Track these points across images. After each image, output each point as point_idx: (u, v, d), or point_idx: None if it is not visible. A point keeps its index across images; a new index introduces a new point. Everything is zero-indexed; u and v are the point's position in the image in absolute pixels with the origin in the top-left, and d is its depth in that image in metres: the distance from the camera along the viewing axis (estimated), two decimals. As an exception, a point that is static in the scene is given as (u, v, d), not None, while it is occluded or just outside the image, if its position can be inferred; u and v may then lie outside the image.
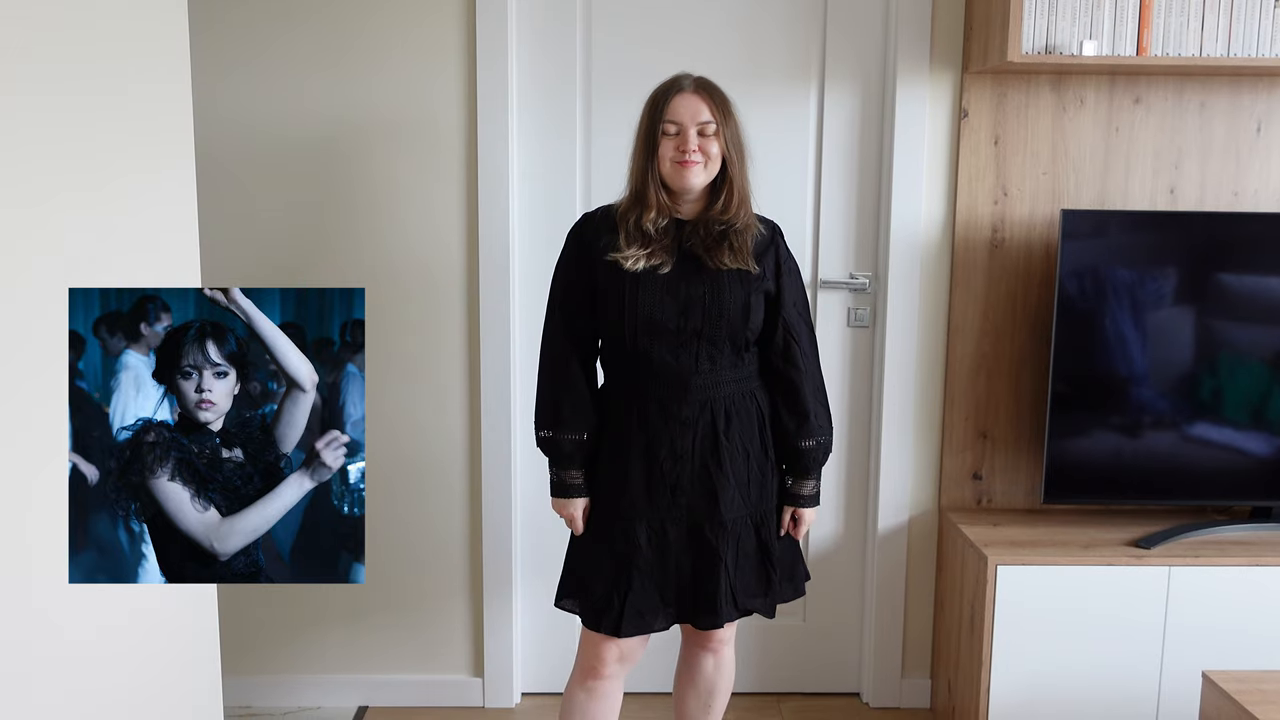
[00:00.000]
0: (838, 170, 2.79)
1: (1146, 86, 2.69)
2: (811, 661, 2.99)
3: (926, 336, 2.79)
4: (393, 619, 2.90)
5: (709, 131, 2.09)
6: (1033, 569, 2.50)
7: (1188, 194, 2.73)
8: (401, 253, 2.75)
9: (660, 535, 2.15)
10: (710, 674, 2.36)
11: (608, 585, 2.16)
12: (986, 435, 2.82)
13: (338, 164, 2.72)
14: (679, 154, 2.07)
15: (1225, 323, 2.62)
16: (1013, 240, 2.73)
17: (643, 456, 2.14)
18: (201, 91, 2.56)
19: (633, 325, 2.12)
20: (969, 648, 2.62)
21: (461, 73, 2.68)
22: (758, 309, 2.15)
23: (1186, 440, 2.64)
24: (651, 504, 2.15)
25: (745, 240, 2.13)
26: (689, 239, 2.13)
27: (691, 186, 2.10)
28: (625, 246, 2.11)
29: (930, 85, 2.69)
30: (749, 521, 2.20)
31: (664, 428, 2.13)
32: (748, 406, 2.18)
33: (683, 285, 2.11)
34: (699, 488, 2.15)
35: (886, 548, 2.87)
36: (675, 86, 2.11)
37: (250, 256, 2.75)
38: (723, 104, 2.12)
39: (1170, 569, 2.50)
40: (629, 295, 2.11)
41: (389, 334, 2.78)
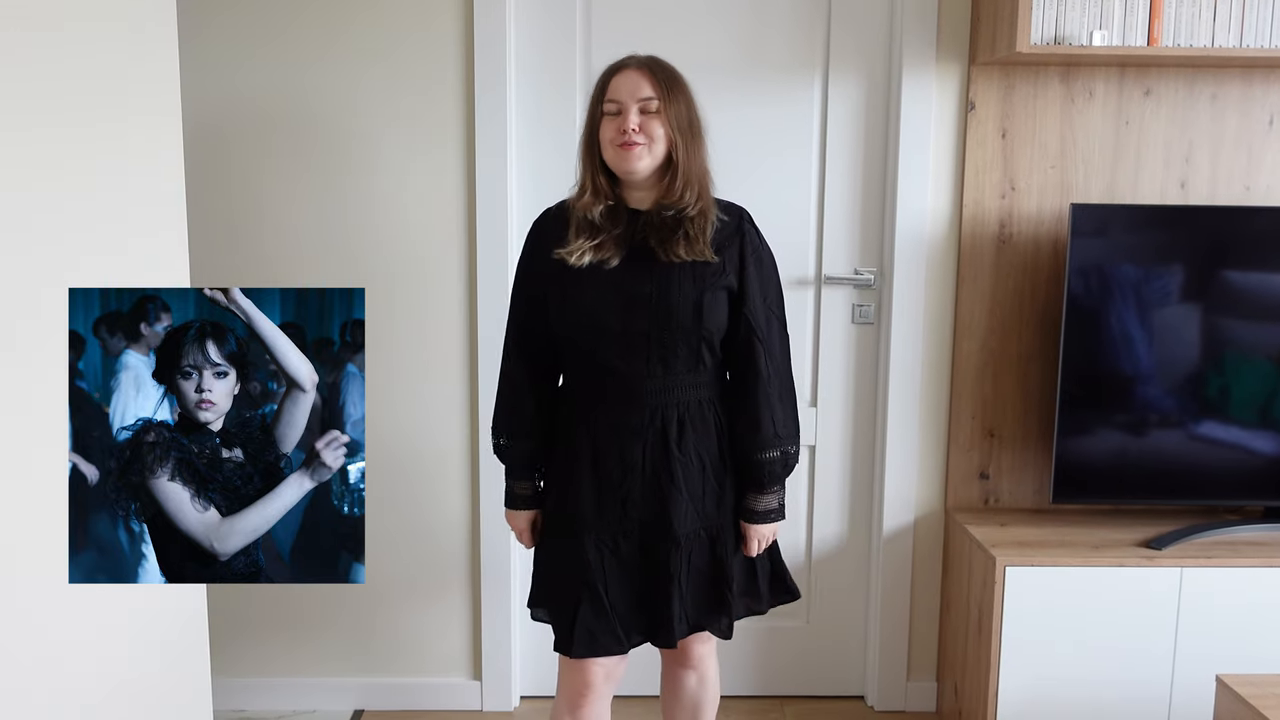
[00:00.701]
0: (842, 164, 2.74)
1: (1157, 78, 2.64)
2: (815, 664, 2.95)
3: (932, 333, 2.75)
4: (390, 621, 2.86)
5: (651, 109, 1.94)
6: (1042, 570, 2.45)
7: (1199, 188, 2.68)
8: (398, 247, 2.71)
9: (611, 551, 2.03)
10: (694, 690, 2.27)
11: (558, 603, 2.06)
12: (993, 434, 2.77)
13: (334, 155, 2.67)
14: (619, 135, 1.93)
15: (1236, 320, 2.57)
16: (1020, 235, 2.69)
17: (591, 468, 2.02)
18: (192, 78, 2.54)
19: (575, 327, 1.99)
20: (976, 650, 2.57)
21: (459, 67, 2.63)
22: (715, 308, 1.98)
23: (1197, 439, 2.59)
24: (601, 518, 2.02)
25: (701, 229, 1.97)
26: (642, 231, 1.99)
27: (634, 170, 1.95)
28: (573, 239, 1.98)
29: (936, 77, 2.65)
30: (704, 535, 2.05)
31: (612, 437, 2.01)
32: (704, 415, 2.03)
33: (628, 282, 1.96)
34: (650, 501, 2.01)
35: (892, 548, 2.83)
36: (618, 66, 1.99)
37: (243, 247, 2.70)
38: (668, 80, 1.97)
39: (1182, 570, 2.45)
40: (570, 294, 1.98)
41: (385, 330, 2.73)
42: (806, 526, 2.89)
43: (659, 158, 1.96)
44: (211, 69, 2.63)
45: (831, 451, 2.85)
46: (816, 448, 2.85)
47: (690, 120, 2.00)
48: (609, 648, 2.03)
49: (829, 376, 2.82)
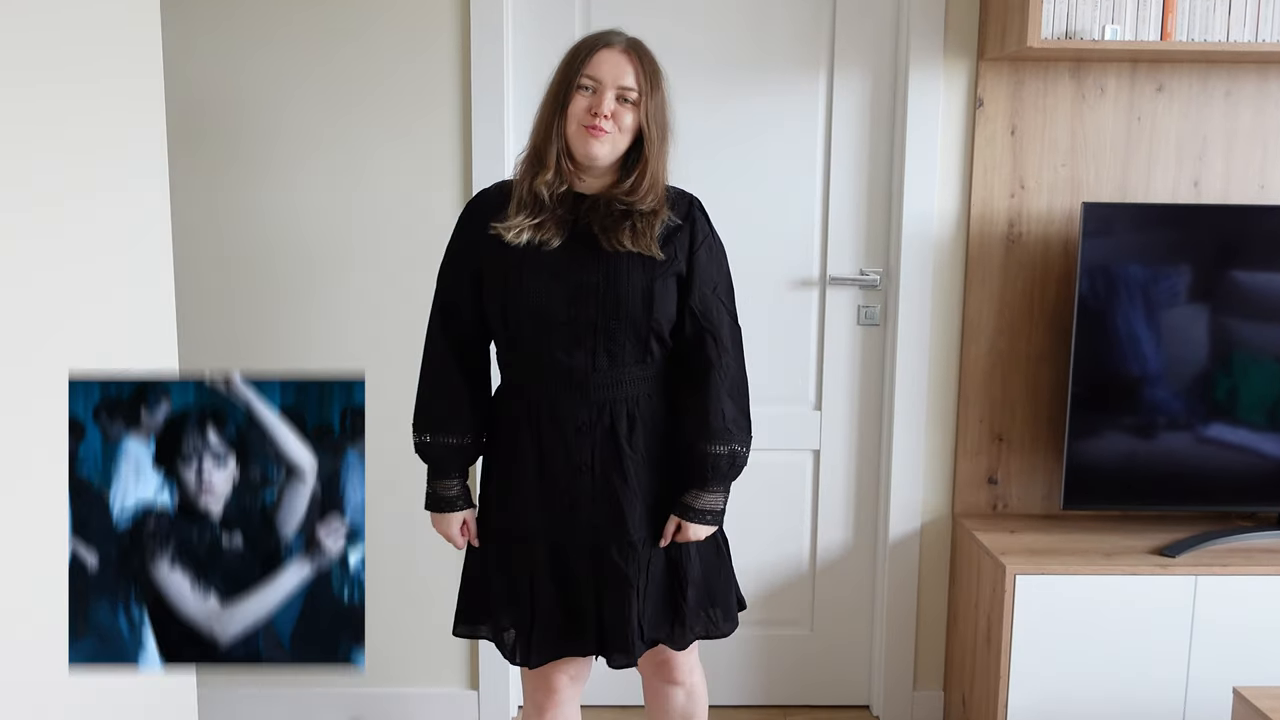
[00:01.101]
0: (847, 161, 2.69)
1: (1170, 74, 2.59)
2: (819, 673, 2.90)
3: (939, 335, 2.69)
4: (383, 629, 2.78)
5: (629, 98, 1.83)
6: (1053, 578, 2.40)
7: (1212, 186, 2.63)
8: (388, 227, 2.64)
9: (560, 559, 1.92)
10: (682, 706, 2.15)
11: (509, 615, 1.95)
12: (1002, 438, 2.71)
13: (324, 156, 2.61)
14: (589, 116, 1.81)
15: (1255, 322, 2.52)
16: (1030, 235, 2.63)
17: (536, 469, 1.90)
18: (178, 77, 2.49)
19: (517, 316, 1.86)
20: (985, 660, 2.51)
21: (454, 59, 2.57)
22: (665, 296, 1.87)
23: (1209, 442, 2.54)
24: (549, 524, 1.91)
25: (650, 224, 1.86)
26: (586, 216, 1.87)
27: (595, 157, 1.83)
28: (513, 214, 1.85)
29: (944, 73, 2.60)
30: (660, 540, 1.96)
31: (557, 436, 1.88)
32: (654, 409, 1.92)
33: (574, 269, 1.84)
34: (602, 504, 1.89)
35: (898, 555, 2.77)
36: (603, 40, 1.85)
37: (227, 227, 2.64)
38: (652, 72, 1.86)
39: (1196, 578, 2.40)
40: (511, 279, 1.85)
41: (385, 323, 2.67)
42: (811, 532, 2.83)
43: (620, 150, 1.85)
44: (193, 47, 2.56)
45: (836, 456, 2.80)
46: (821, 452, 2.80)
47: (665, 119, 1.90)
48: (564, 650, 1.95)
49: (834, 379, 2.76)
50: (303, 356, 2.68)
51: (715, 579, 2.03)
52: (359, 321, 2.67)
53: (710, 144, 2.65)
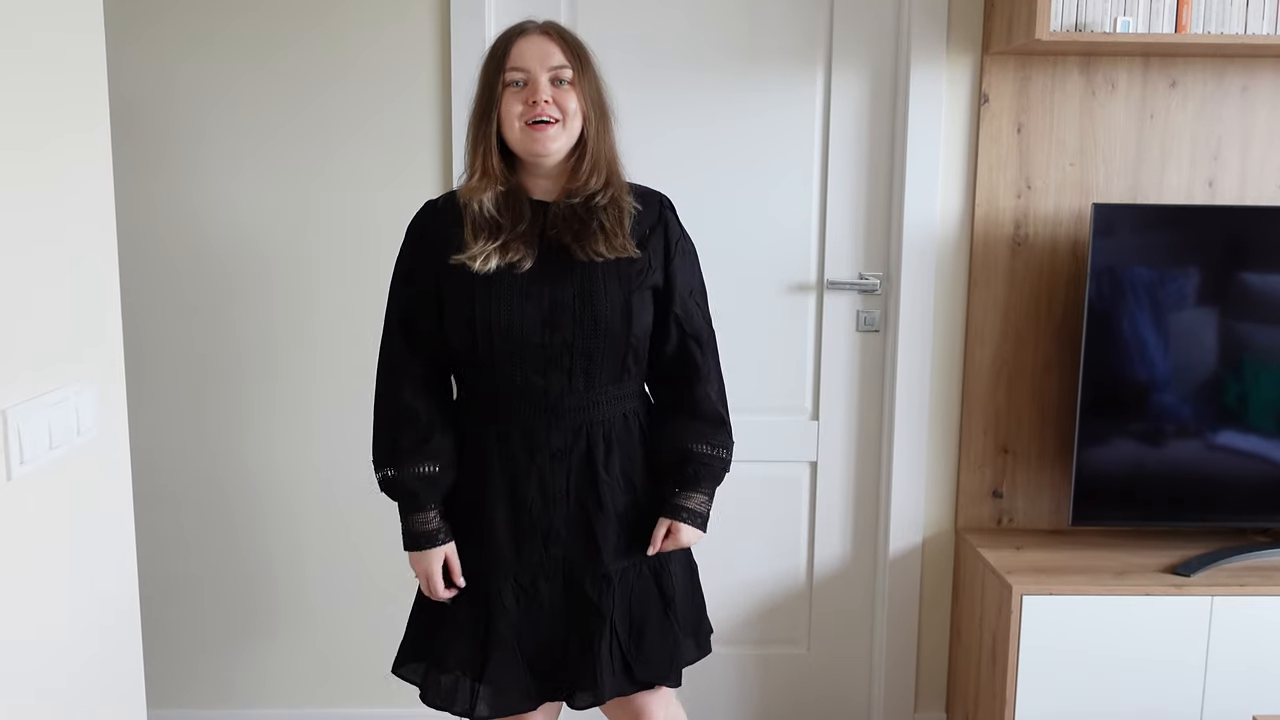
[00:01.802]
0: (846, 161, 2.58)
1: (1184, 69, 2.48)
2: (816, 695, 2.80)
3: (942, 342, 2.60)
4: (346, 643, 2.68)
5: (565, 79, 1.72)
6: (1062, 599, 2.30)
7: (1228, 186, 2.53)
8: (360, 225, 2.53)
9: (530, 595, 1.80)
10: None
11: (461, 657, 1.80)
12: (1008, 449, 2.61)
13: (299, 157, 2.50)
14: (529, 109, 1.69)
15: (1269, 327, 2.41)
16: (1037, 237, 2.53)
17: (506, 500, 1.78)
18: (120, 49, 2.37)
19: (487, 342, 1.73)
20: (990, 683, 2.41)
21: (434, 48, 2.47)
22: (643, 309, 1.78)
23: (1228, 453, 2.44)
24: (519, 558, 1.79)
25: (617, 219, 1.75)
26: (553, 225, 1.75)
27: (548, 153, 1.72)
28: (472, 240, 1.72)
29: (947, 68, 2.50)
30: (645, 570, 1.84)
31: (530, 463, 1.77)
32: (630, 428, 1.83)
33: (546, 288, 1.73)
34: (576, 534, 1.79)
35: (898, 571, 2.67)
36: (519, 29, 1.75)
37: (186, 220, 2.53)
38: (579, 49, 1.76)
39: (1213, 599, 2.30)
40: (480, 305, 1.72)
41: (345, 324, 2.56)
42: (808, 547, 2.74)
43: (574, 137, 1.74)
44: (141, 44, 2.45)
45: (834, 468, 2.70)
46: (818, 464, 2.70)
47: (601, 96, 1.77)
48: (515, 706, 1.82)
49: (831, 388, 2.66)
50: (267, 359, 2.57)
51: (691, 604, 1.93)
52: (324, 330, 2.57)
53: (702, 143, 2.55)
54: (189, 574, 2.65)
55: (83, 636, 1.53)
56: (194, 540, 2.65)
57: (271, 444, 2.61)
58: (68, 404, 1.42)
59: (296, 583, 2.67)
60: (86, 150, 1.52)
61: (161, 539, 2.61)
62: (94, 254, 1.54)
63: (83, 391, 1.47)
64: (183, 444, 2.61)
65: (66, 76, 1.46)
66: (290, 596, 2.67)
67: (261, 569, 2.66)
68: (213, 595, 2.67)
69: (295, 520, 2.64)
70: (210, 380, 2.59)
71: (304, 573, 2.66)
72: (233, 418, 2.60)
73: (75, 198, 1.48)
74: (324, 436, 2.60)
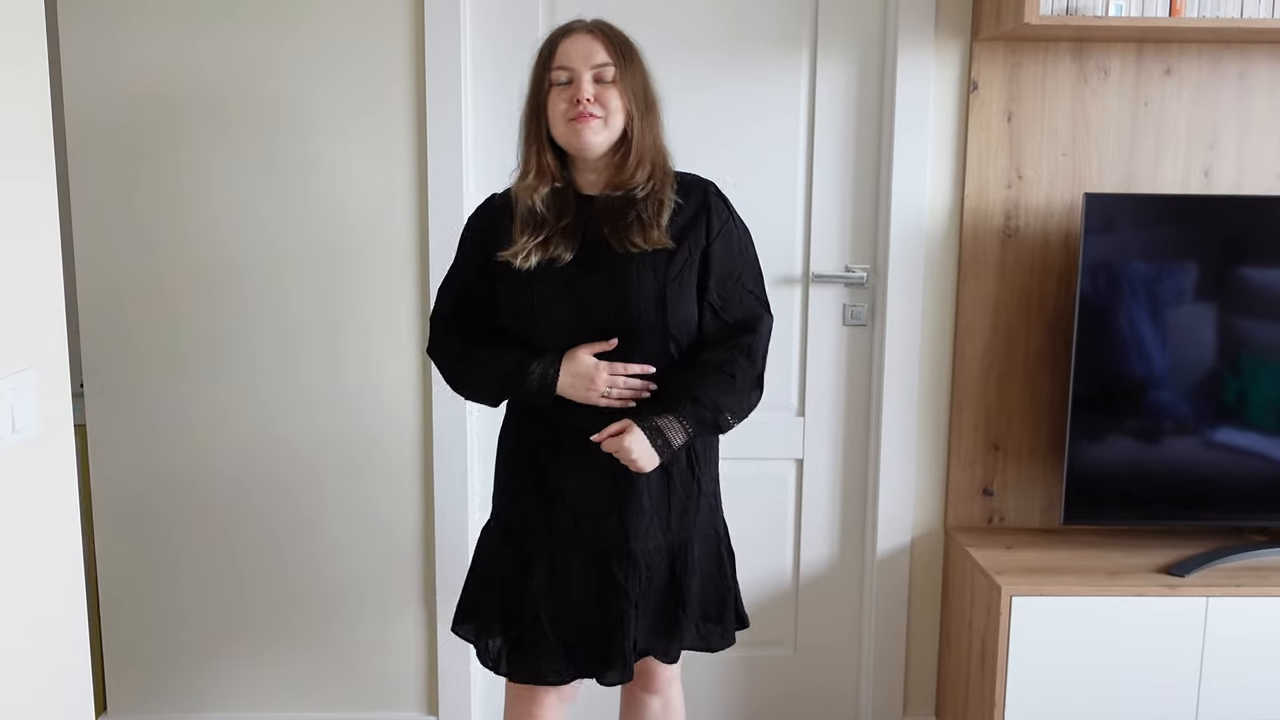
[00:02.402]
0: (831, 150, 2.52)
1: (1179, 55, 2.42)
2: (802, 697, 2.74)
3: (931, 336, 2.54)
4: (329, 648, 2.62)
5: (607, 78, 1.78)
6: (1053, 600, 2.24)
7: (1224, 176, 2.47)
8: (338, 220, 2.47)
9: (561, 572, 1.87)
10: (658, 717, 2.10)
11: (497, 621, 1.91)
12: (998, 446, 2.55)
13: (269, 126, 2.43)
14: (572, 107, 1.76)
15: (1266, 321, 2.35)
16: (1028, 228, 2.47)
17: (540, 479, 1.87)
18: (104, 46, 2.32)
19: (530, 332, 1.84)
20: (979, 686, 2.35)
21: (408, 30, 2.40)
22: (680, 300, 1.82)
23: (1223, 449, 2.38)
24: (551, 537, 1.87)
25: (655, 212, 1.79)
26: (594, 218, 1.82)
27: (590, 146, 1.78)
28: (518, 235, 1.81)
29: (935, 54, 2.43)
30: (664, 553, 1.90)
31: (564, 444, 1.85)
32: None
33: (583, 281, 1.80)
34: (606, 515, 1.85)
35: (886, 572, 2.62)
36: (565, 29, 1.83)
37: (169, 226, 2.47)
38: (624, 47, 1.82)
39: (1208, 600, 2.24)
40: (524, 297, 1.82)
41: (327, 313, 2.50)
42: (794, 547, 2.68)
43: (616, 132, 1.80)
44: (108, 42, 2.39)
45: (820, 466, 2.64)
46: (804, 461, 2.64)
47: (646, 91, 1.84)
48: (548, 678, 1.91)
49: (818, 384, 2.60)
50: (241, 368, 2.51)
51: (713, 594, 1.98)
52: (305, 340, 2.51)
53: (681, 132, 2.44)
54: (170, 579, 2.60)
55: (28, 640, 1.47)
56: (189, 544, 2.59)
57: (291, 440, 2.55)
58: (2, 400, 1.36)
59: (294, 585, 2.61)
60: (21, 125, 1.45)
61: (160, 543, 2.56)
62: (37, 246, 1.48)
63: (19, 387, 1.41)
64: (198, 442, 2.55)
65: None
66: (292, 598, 2.61)
67: (256, 570, 2.60)
68: (201, 599, 2.61)
69: (287, 521, 2.58)
70: (213, 377, 2.53)
71: (294, 574, 2.60)
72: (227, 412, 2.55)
73: (16, 182, 1.42)
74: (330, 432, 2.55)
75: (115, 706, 2.63)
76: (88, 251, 2.46)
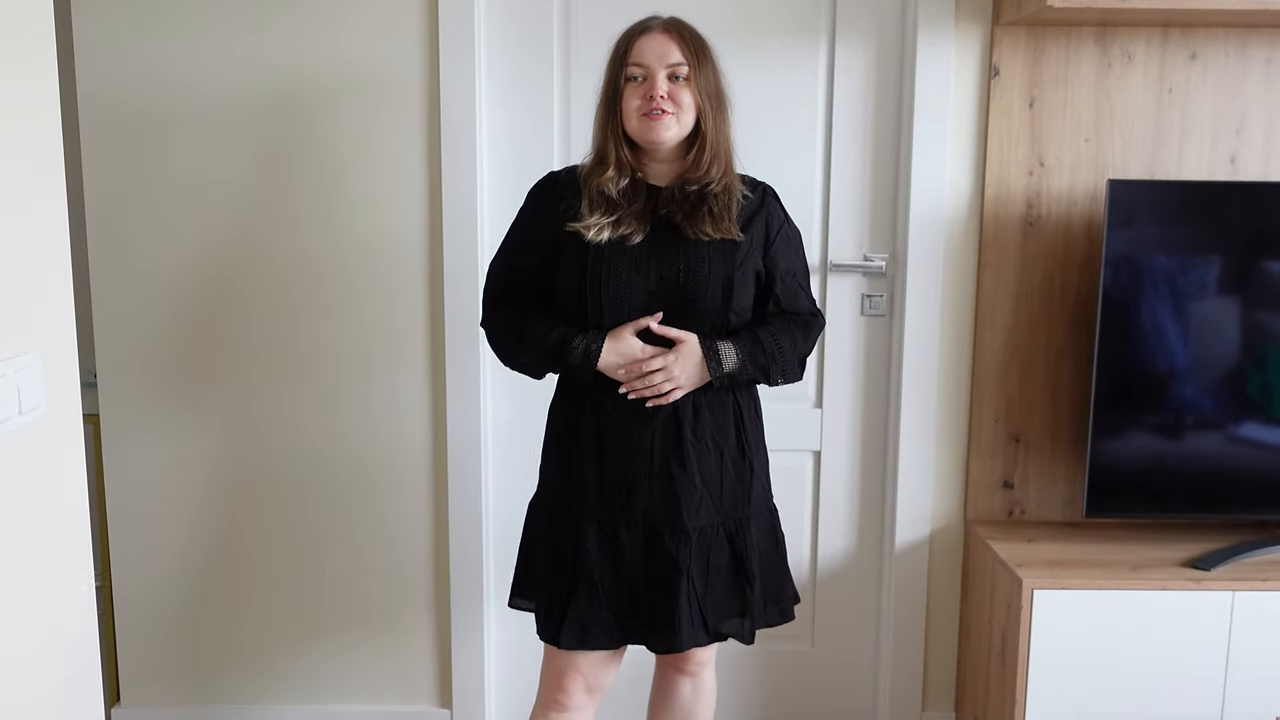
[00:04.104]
0: (850, 137, 2.49)
1: (1204, 40, 2.38)
2: (820, 692, 2.71)
3: (951, 327, 2.51)
4: (346, 643, 2.62)
5: (680, 75, 1.86)
6: (1074, 593, 2.20)
7: (1251, 163, 2.43)
8: (351, 230, 2.46)
9: (612, 541, 1.92)
10: (688, 700, 2.13)
11: (550, 589, 1.95)
12: (1019, 438, 2.51)
13: (278, 129, 2.43)
14: (646, 103, 1.84)
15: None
16: (1050, 217, 2.43)
17: (595, 451, 1.92)
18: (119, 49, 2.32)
19: (596, 306, 1.88)
20: (1000, 681, 2.32)
21: (421, 20, 2.38)
22: (743, 288, 1.91)
23: (1253, 447, 2.33)
24: (604, 506, 1.92)
25: (726, 205, 1.89)
26: (665, 206, 1.90)
27: (662, 140, 1.86)
28: (588, 214, 1.88)
29: (955, 39, 2.40)
30: (721, 531, 1.94)
31: (619, 420, 1.91)
32: (723, 400, 1.94)
33: (655, 260, 1.88)
34: (658, 491, 1.91)
35: (905, 565, 2.58)
36: (642, 27, 1.90)
37: (183, 239, 2.46)
38: (697, 46, 1.88)
39: (1234, 594, 2.20)
40: (591, 270, 1.88)
41: (341, 324, 2.49)
42: (811, 540, 2.65)
43: (687, 128, 1.88)
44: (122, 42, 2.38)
45: (839, 457, 2.61)
46: (822, 453, 2.61)
47: (718, 89, 1.91)
48: (599, 641, 1.94)
49: (835, 374, 2.58)
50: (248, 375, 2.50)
51: (772, 573, 2.03)
52: (302, 349, 2.49)
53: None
54: (182, 571, 2.59)
55: (37, 632, 1.45)
56: (212, 539, 2.58)
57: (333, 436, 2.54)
58: (7, 380, 1.34)
59: (306, 578, 2.59)
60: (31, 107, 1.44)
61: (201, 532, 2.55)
62: (47, 223, 1.46)
63: (24, 368, 1.39)
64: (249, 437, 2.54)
65: (7, 44, 1.38)
66: (305, 591, 2.60)
67: (267, 564, 2.59)
68: (214, 591, 2.60)
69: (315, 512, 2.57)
70: (221, 374, 2.52)
71: (324, 568, 2.59)
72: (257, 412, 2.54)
73: (23, 164, 1.40)
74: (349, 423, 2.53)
75: (129, 698, 2.63)
76: (102, 247, 2.46)
